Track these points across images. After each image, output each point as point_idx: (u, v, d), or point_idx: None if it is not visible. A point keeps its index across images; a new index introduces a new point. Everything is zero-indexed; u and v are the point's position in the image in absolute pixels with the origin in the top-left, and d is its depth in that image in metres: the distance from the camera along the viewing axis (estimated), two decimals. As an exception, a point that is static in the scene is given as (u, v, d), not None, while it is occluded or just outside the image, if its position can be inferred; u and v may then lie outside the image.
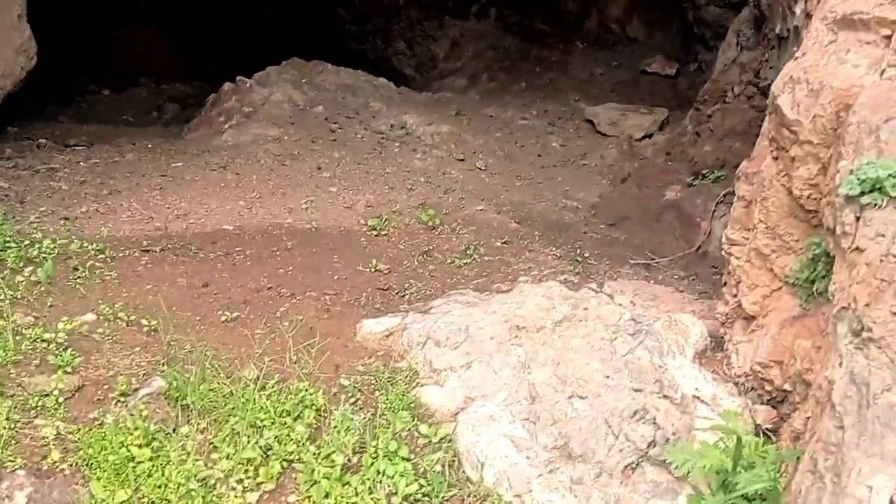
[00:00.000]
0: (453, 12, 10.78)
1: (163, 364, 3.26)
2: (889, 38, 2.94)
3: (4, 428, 2.71)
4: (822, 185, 2.95)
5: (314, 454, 2.91)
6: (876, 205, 2.49)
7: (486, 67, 10.23)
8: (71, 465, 2.68)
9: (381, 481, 2.83)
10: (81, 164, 5.71)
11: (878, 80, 2.80)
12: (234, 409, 3.02)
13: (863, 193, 2.52)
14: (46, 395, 2.92)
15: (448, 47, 10.70)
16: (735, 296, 3.43)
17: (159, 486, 2.63)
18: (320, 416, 3.08)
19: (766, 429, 3.01)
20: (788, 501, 2.45)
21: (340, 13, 11.11)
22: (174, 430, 2.87)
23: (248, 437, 2.87)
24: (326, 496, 2.73)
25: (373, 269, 4.70)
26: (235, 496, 2.71)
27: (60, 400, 2.93)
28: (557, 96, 9.26)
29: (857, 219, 2.54)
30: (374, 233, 5.26)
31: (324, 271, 4.61)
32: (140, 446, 2.74)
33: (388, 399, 3.31)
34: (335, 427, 2.99)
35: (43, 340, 3.22)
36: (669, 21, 10.19)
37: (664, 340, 3.26)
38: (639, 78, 9.54)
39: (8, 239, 3.94)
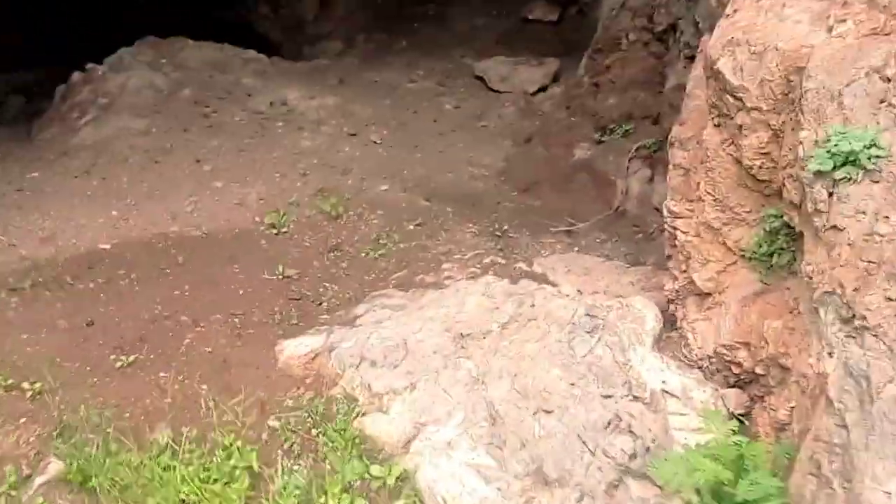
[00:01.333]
0: (318, -31, 10.06)
1: (56, 437, 2.73)
2: (830, -12, 2.74)
3: None
4: (775, 153, 2.75)
5: (257, 525, 2.52)
6: (851, 179, 2.30)
7: (361, 28, 9.64)
8: None
9: (340, 544, 2.48)
10: None
11: (828, 38, 2.60)
12: (150, 483, 2.55)
13: (835, 168, 2.32)
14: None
15: (316, 7, 10.00)
16: (685, 271, 3.23)
17: None
18: (256, 476, 2.66)
19: (739, 414, 2.85)
20: (790, 506, 2.29)
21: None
22: (83, 528, 2.39)
23: (176, 520, 2.44)
24: (282, 578, 2.35)
25: (280, 276, 4.24)
26: None
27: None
28: (441, 52, 8.83)
29: (831, 195, 2.35)
30: (274, 231, 4.77)
31: (225, 286, 4.11)
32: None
33: (327, 437, 2.93)
34: (279, 490, 2.58)
35: None
36: (543, -36, 9.91)
37: (622, 333, 3.02)
38: (522, 27, 9.23)
39: None
